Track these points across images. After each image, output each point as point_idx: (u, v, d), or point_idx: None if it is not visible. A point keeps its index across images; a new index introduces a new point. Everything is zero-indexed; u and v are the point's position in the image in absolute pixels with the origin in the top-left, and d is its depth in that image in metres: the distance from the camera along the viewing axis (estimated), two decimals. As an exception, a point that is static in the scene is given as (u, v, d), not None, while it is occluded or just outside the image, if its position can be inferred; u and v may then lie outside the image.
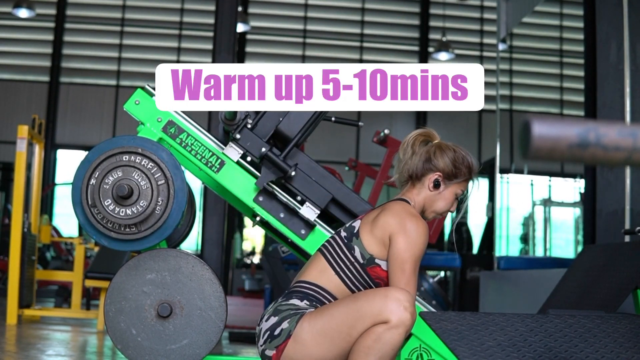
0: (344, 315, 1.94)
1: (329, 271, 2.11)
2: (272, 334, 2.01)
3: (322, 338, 1.95)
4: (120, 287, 2.42)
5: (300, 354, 1.97)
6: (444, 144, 2.23)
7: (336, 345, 1.95)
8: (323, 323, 1.96)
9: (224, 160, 2.57)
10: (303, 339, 1.96)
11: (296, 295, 2.08)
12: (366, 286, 2.10)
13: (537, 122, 0.82)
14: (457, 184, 2.19)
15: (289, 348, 1.98)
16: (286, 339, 1.98)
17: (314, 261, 2.16)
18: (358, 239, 2.10)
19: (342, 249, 2.12)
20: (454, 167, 2.18)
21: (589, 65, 4.74)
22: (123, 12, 13.26)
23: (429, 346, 2.46)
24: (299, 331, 1.97)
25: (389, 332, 1.89)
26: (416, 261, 2.04)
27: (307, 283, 2.11)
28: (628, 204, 4.12)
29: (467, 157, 2.22)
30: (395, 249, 2.03)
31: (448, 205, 2.20)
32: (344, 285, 2.10)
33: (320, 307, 2.02)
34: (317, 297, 2.07)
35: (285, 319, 2.01)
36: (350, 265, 2.09)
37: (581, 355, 2.36)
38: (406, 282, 2.01)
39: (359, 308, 1.92)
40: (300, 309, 2.02)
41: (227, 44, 5.91)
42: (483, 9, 13.66)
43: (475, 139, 13.54)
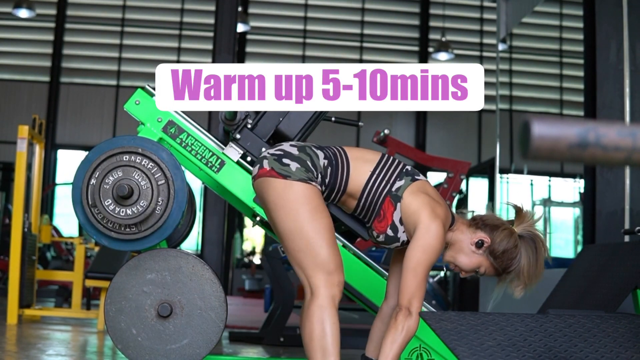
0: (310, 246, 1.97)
1: (368, 165, 2.10)
2: (280, 158, 2.02)
3: (291, 218, 1.97)
4: (121, 287, 2.42)
5: (274, 195, 1.98)
6: (518, 235, 2.12)
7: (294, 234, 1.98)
8: (304, 223, 1.97)
9: (224, 160, 2.58)
10: (287, 196, 1.97)
11: (326, 150, 2.09)
12: (371, 203, 2.09)
13: (537, 122, 0.82)
14: (491, 264, 2.12)
15: (276, 182, 1.98)
16: (281, 175, 1.99)
17: (368, 151, 2.16)
18: (410, 181, 2.08)
19: (395, 169, 2.11)
20: (502, 253, 2.10)
21: (588, 65, 4.74)
22: (123, 12, 13.27)
23: (429, 346, 2.47)
24: (291, 189, 1.98)
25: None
26: (429, 266, 2.03)
27: (344, 153, 2.11)
28: (627, 204, 4.12)
29: (520, 264, 2.12)
30: (415, 247, 2.01)
31: (466, 266, 2.13)
32: (363, 185, 2.08)
33: (318, 211, 1.99)
34: (337, 167, 2.07)
35: (301, 162, 2.01)
36: (384, 182, 2.08)
37: (581, 355, 2.36)
38: (417, 285, 2.00)
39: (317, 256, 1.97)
40: (317, 169, 2.02)
41: (227, 44, 5.91)
42: (483, 9, 13.66)
43: (475, 139, 13.54)
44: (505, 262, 2.11)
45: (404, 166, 2.13)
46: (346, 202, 2.14)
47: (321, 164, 2.05)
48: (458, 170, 5.51)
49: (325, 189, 2.07)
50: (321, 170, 2.04)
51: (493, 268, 2.13)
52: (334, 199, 2.12)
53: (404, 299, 1.99)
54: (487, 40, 13.51)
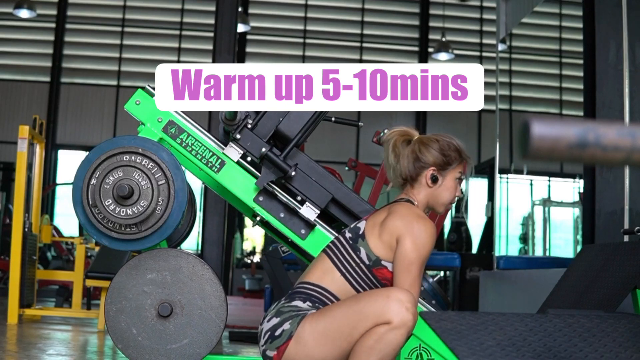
0: (346, 315, 1.94)
1: (333, 272, 2.10)
2: (273, 335, 2.01)
3: (324, 339, 1.95)
4: (121, 286, 2.42)
5: (302, 354, 1.97)
6: (424, 138, 2.21)
7: (337, 346, 1.95)
8: (325, 324, 1.96)
9: (224, 160, 2.58)
10: (305, 339, 1.97)
11: (299, 297, 2.08)
12: (372, 287, 2.10)
13: (537, 122, 0.82)
14: (453, 169, 2.19)
15: (290, 349, 1.98)
16: (287, 339, 1.98)
17: (318, 262, 2.16)
18: (364, 241, 2.10)
19: (347, 250, 2.11)
20: (443, 156, 2.18)
21: (588, 65, 4.74)
22: (123, 12, 13.27)
23: (429, 346, 2.47)
24: (300, 332, 1.97)
25: (391, 332, 1.89)
26: (422, 263, 2.04)
27: (310, 284, 2.11)
28: (627, 204, 4.13)
29: (452, 141, 2.21)
30: (402, 250, 2.02)
31: (453, 193, 2.20)
32: (350, 286, 2.09)
33: (322, 308, 2.01)
34: (320, 299, 2.07)
35: (286, 320, 2.01)
36: (355, 267, 2.09)
37: (581, 355, 2.37)
38: (411, 283, 2.01)
39: (361, 309, 1.92)
40: (302, 310, 2.02)
41: (227, 44, 5.91)
42: (483, 9, 13.66)
43: (475, 139, 13.54)
44: (449, 152, 2.19)
45: (344, 235, 2.15)
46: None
47: (306, 306, 2.05)
48: (458, 170, 5.51)
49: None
50: (308, 309, 2.04)
51: (459, 167, 2.20)
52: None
53: None
54: (487, 40, 13.51)
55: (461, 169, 2.21)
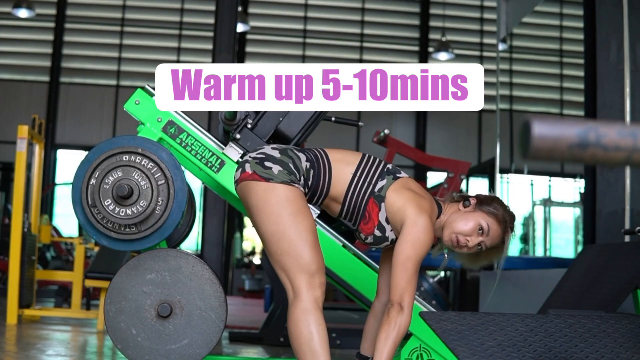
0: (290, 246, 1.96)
1: (349, 167, 2.10)
2: (262, 162, 2.02)
3: (273, 220, 1.96)
4: (121, 287, 2.42)
5: (257, 198, 1.98)
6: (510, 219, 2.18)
7: (272, 237, 1.97)
8: (287, 225, 1.96)
9: (224, 160, 2.57)
10: (270, 201, 1.97)
11: (309, 153, 2.09)
12: (355, 206, 2.09)
13: (537, 122, 0.82)
14: (485, 214, 2.12)
15: (259, 185, 1.99)
16: (264, 178, 1.99)
17: (349, 153, 2.16)
18: (391, 180, 2.09)
19: (376, 170, 2.11)
20: (491, 200, 2.15)
21: (588, 65, 4.74)
22: (123, 12, 13.27)
23: (429, 346, 2.47)
24: (273, 192, 1.98)
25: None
26: (419, 261, 2.03)
27: (326, 155, 2.11)
28: (628, 204, 4.12)
29: (507, 208, 2.17)
30: (403, 242, 2.01)
31: (466, 227, 2.11)
32: (346, 187, 2.09)
33: (300, 213, 1.99)
34: (320, 170, 2.07)
35: (283, 164, 2.02)
36: (366, 183, 2.09)
37: (581, 355, 2.36)
38: (407, 280, 2.00)
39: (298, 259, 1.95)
40: (299, 171, 2.02)
41: (227, 44, 5.91)
42: (483, 9, 13.66)
43: (475, 139, 13.54)
44: (502, 208, 2.14)
45: (385, 165, 2.14)
46: (330, 206, 2.15)
47: (303, 167, 2.05)
48: (458, 170, 5.51)
49: (308, 191, 2.08)
50: (304, 173, 2.05)
51: (495, 219, 2.12)
52: (317, 201, 2.13)
53: (395, 295, 1.98)
54: (487, 40, 13.51)
55: (491, 225, 2.13)
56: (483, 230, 2.11)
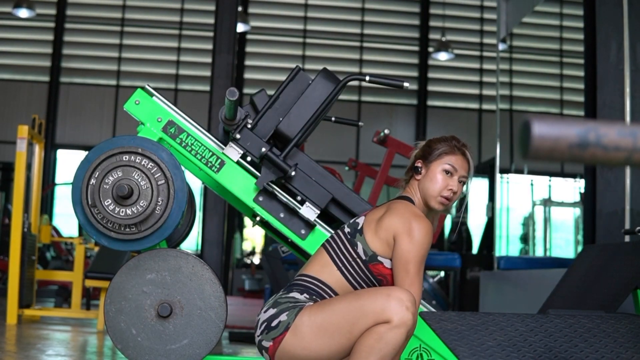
0: (346, 311, 1.93)
1: (331, 266, 2.10)
2: (269, 326, 2.01)
3: (322, 333, 1.94)
4: (120, 287, 2.42)
5: (298, 347, 1.96)
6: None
7: (335, 341, 1.94)
8: (323, 317, 1.95)
9: (224, 160, 2.57)
10: (302, 331, 1.96)
11: (296, 289, 2.08)
12: (368, 282, 2.10)
13: (537, 122, 0.82)
14: (437, 159, 2.17)
15: (286, 340, 1.97)
16: (284, 331, 1.97)
17: (317, 256, 2.16)
18: (362, 236, 2.10)
19: (345, 244, 2.12)
20: (428, 147, 2.20)
21: (589, 65, 4.74)
22: (123, 12, 13.27)
23: (429, 346, 2.46)
24: (298, 324, 1.96)
25: (390, 331, 1.88)
26: (420, 262, 2.03)
27: (308, 277, 2.11)
28: (628, 204, 4.12)
29: (447, 136, 2.23)
30: (400, 249, 2.02)
31: (438, 184, 2.15)
32: (346, 281, 2.09)
33: (321, 301, 2.01)
34: (318, 292, 2.07)
35: (283, 311, 2.01)
36: (352, 261, 2.09)
37: (581, 355, 2.36)
38: (410, 282, 2.00)
39: (361, 305, 1.92)
40: (300, 302, 2.02)
41: (227, 44, 5.91)
42: (483, 9, 13.66)
43: (475, 139, 13.53)
44: (433, 143, 2.20)
45: (344, 231, 2.15)
46: None
47: (303, 298, 2.04)
48: (458, 170, 5.50)
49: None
50: (306, 300, 2.04)
51: (446, 154, 2.18)
52: None
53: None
54: (487, 40, 13.51)
55: (450, 161, 2.17)
56: (450, 171, 2.17)
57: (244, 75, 13.45)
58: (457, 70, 13.75)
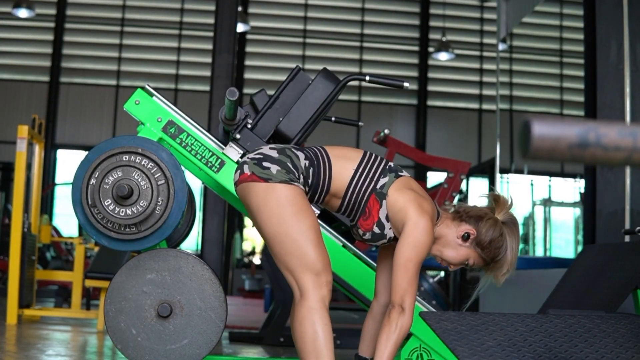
0: (301, 241, 1.94)
1: (351, 163, 2.08)
2: (260, 162, 2.00)
3: (276, 220, 1.95)
4: (120, 287, 2.42)
5: (259, 201, 1.97)
6: (501, 223, 2.12)
7: (275, 231, 1.96)
8: (291, 219, 1.94)
9: (224, 160, 2.57)
10: (269, 199, 1.96)
11: (307, 151, 2.07)
12: (356, 202, 2.08)
13: (537, 122, 0.82)
14: (478, 255, 2.11)
15: (258, 186, 1.97)
16: (263, 179, 1.97)
17: (350, 149, 2.14)
18: (393, 178, 2.07)
19: (378, 167, 2.09)
20: (489, 243, 2.09)
21: (589, 65, 4.74)
22: (123, 12, 13.27)
23: (429, 346, 2.46)
24: (275, 193, 1.96)
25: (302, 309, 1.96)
26: (419, 262, 2.02)
27: (325, 153, 2.09)
28: (628, 204, 4.12)
29: (507, 251, 2.10)
30: (404, 244, 2.00)
31: (454, 259, 2.13)
32: (347, 183, 2.07)
33: (302, 206, 1.98)
34: (319, 168, 2.05)
35: (281, 164, 1.99)
36: (368, 179, 2.07)
37: (581, 355, 2.36)
38: (409, 281, 2.00)
39: (305, 253, 1.94)
40: (298, 170, 2.01)
41: (227, 44, 5.91)
42: (483, 9, 13.66)
43: (475, 139, 13.54)
44: (493, 252, 2.10)
45: (387, 163, 2.12)
46: (330, 202, 2.13)
47: (302, 165, 2.03)
48: (458, 170, 5.51)
49: (309, 189, 2.06)
50: (303, 171, 2.03)
51: (481, 259, 2.12)
52: (318, 199, 2.11)
53: (396, 296, 1.97)
54: (487, 40, 13.51)
55: (479, 264, 2.13)
56: (468, 264, 2.14)
57: (244, 75, 13.45)
58: (457, 70, 13.75)
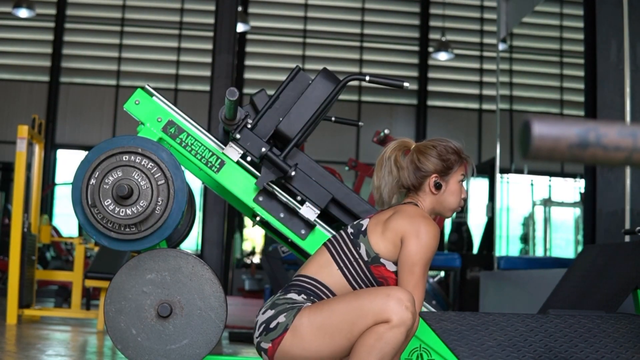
0: (345, 311, 1.93)
1: (331, 266, 2.09)
2: (267, 327, 2.00)
3: (321, 333, 1.94)
4: (120, 287, 2.42)
5: (298, 348, 1.96)
6: (422, 146, 2.20)
7: (335, 342, 1.94)
8: (323, 318, 1.94)
9: (224, 160, 2.57)
10: (301, 332, 1.95)
11: (294, 289, 2.07)
12: (368, 284, 2.09)
13: (537, 122, 0.82)
14: (454, 173, 2.18)
15: (285, 341, 1.97)
16: (283, 332, 1.97)
17: (317, 256, 2.15)
18: (365, 237, 2.09)
19: (347, 244, 2.11)
20: (443, 161, 2.16)
21: (589, 65, 4.74)
22: (123, 12, 13.27)
23: (429, 346, 2.46)
24: (297, 324, 1.96)
25: (390, 331, 1.88)
26: (426, 264, 2.03)
27: (306, 277, 2.10)
28: (628, 204, 4.12)
29: (449, 144, 2.20)
30: (407, 250, 2.02)
31: (458, 196, 2.19)
32: (346, 281, 2.08)
33: (320, 302, 2.00)
34: (316, 292, 2.06)
35: (282, 312, 2.00)
36: (354, 262, 2.08)
37: (581, 355, 2.36)
38: (415, 284, 2.01)
39: (361, 305, 1.91)
40: (297, 303, 2.01)
41: (227, 44, 5.91)
42: (483, 9, 13.66)
43: (475, 139, 13.54)
44: (448, 156, 2.17)
45: (346, 231, 2.14)
46: None
47: (301, 299, 2.03)
48: (458, 170, 5.51)
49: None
50: (303, 302, 2.03)
51: (460, 169, 2.19)
52: None
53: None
54: (487, 40, 13.51)
55: (463, 171, 2.20)
56: (464, 179, 2.21)
57: (244, 75, 13.45)
58: (457, 70, 13.75)
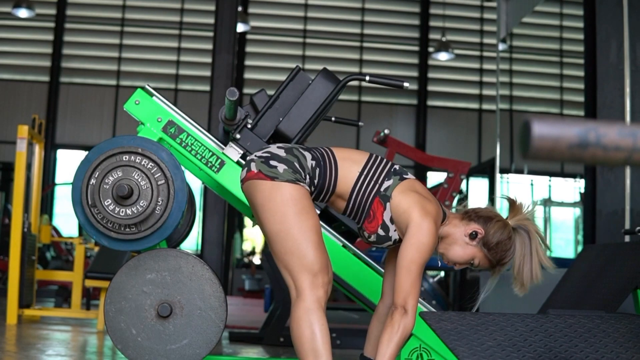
0: (300, 241, 1.95)
1: (357, 165, 2.09)
2: (268, 160, 2.01)
3: (278, 218, 1.95)
4: (120, 287, 2.42)
5: (264, 199, 1.97)
6: (511, 226, 2.13)
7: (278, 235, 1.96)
8: (293, 218, 1.95)
9: (224, 160, 2.57)
10: (274, 197, 1.96)
11: (314, 152, 2.07)
12: (360, 205, 2.08)
13: (537, 122, 0.82)
14: (484, 256, 2.12)
15: (264, 184, 1.98)
16: (270, 178, 1.98)
17: (356, 151, 2.14)
18: (397, 181, 2.08)
19: (383, 170, 2.10)
20: (495, 245, 2.10)
21: (589, 65, 4.74)
22: (123, 12, 13.26)
23: (429, 346, 2.46)
24: (280, 192, 1.97)
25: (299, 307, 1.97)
26: (423, 264, 2.03)
27: (332, 154, 2.09)
28: (628, 204, 4.12)
29: (513, 256, 2.11)
30: (407, 246, 2.01)
31: (459, 258, 2.13)
32: (352, 185, 2.08)
33: (305, 207, 1.98)
34: (326, 167, 2.06)
35: (288, 163, 2.00)
36: (372, 182, 2.07)
37: (581, 355, 2.36)
38: (411, 283, 2.00)
39: (305, 254, 1.95)
40: (303, 170, 2.01)
41: (227, 44, 5.91)
42: (483, 9, 13.66)
43: (475, 139, 13.54)
44: (500, 254, 2.10)
45: (392, 165, 2.13)
46: (335, 203, 2.14)
47: (309, 165, 2.04)
48: (458, 170, 5.51)
49: (314, 189, 2.07)
50: (309, 171, 2.03)
51: (487, 260, 2.12)
52: (323, 199, 2.12)
53: (399, 298, 1.98)
54: (487, 40, 13.51)
55: (484, 264, 2.14)
56: (473, 264, 2.14)
57: (244, 75, 13.45)
58: (457, 70, 13.75)
